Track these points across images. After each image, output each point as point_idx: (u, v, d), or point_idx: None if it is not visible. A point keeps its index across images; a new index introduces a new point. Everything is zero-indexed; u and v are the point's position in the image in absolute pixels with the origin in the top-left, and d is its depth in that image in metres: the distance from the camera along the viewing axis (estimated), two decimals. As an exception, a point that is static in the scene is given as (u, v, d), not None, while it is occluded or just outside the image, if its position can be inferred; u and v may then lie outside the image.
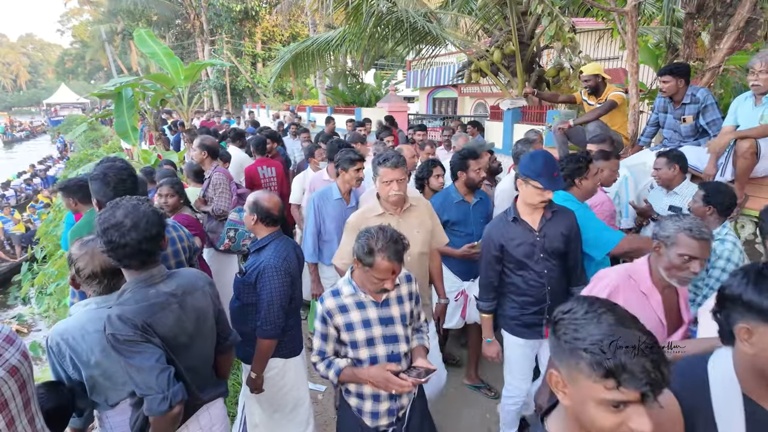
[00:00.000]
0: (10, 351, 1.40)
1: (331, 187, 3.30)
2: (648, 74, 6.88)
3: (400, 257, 1.78)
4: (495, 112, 7.87)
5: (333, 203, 3.25)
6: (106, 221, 1.57)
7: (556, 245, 2.38)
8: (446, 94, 15.28)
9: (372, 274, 1.79)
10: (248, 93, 28.06)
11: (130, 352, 1.51)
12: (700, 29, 4.63)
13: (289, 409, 2.49)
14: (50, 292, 6.59)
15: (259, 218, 2.31)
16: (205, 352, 1.82)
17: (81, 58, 53.25)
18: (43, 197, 15.79)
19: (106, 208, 1.62)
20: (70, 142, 27.04)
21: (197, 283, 1.78)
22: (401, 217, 2.51)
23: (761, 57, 3.05)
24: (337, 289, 1.94)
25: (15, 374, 1.39)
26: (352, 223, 2.52)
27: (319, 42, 9.47)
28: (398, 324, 1.95)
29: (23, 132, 43.93)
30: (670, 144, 3.73)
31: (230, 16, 26.67)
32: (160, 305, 1.61)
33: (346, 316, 1.89)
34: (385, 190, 2.44)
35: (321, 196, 3.29)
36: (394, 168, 2.40)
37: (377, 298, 1.91)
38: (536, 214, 2.38)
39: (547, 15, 5.67)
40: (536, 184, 2.25)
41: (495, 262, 2.45)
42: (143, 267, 1.64)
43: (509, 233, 2.40)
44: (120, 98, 6.99)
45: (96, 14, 43.07)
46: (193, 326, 1.70)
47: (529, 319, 2.46)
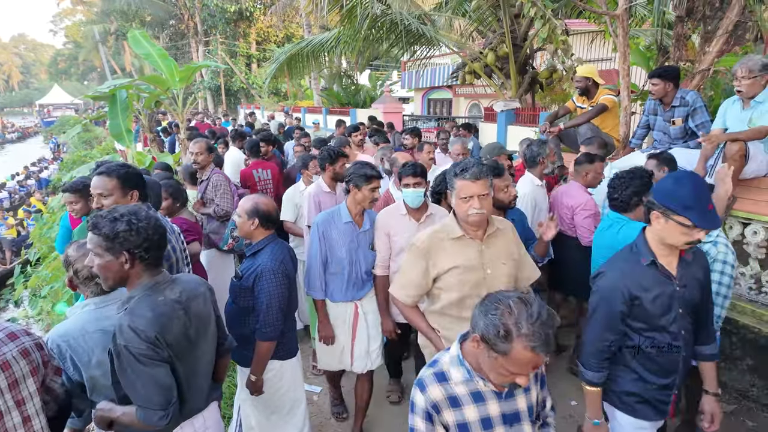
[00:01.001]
0: (8, 346, 1.45)
1: (339, 209, 2.75)
2: (640, 76, 6.95)
3: (549, 346, 1.27)
4: (489, 114, 7.92)
5: (341, 228, 2.70)
6: (133, 220, 1.57)
7: (695, 296, 1.84)
8: (441, 95, 15.32)
9: (503, 364, 1.30)
10: (243, 94, 28.01)
11: (139, 365, 1.52)
12: (690, 32, 4.70)
13: (287, 410, 2.51)
14: (44, 294, 6.55)
15: (261, 222, 2.31)
16: (208, 357, 1.84)
17: (74, 59, 52.97)
18: (35, 200, 15.37)
19: (105, 214, 1.60)
20: (63, 143, 26.88)
21: (199, 289, 1.79)
22: (485, 244, 2.03)
23: (742, 64, 3.11)
24: (443, 372, 1.46)
25: (6, 370, 1.42)
26: (421, 247, 2.06)
27: (314, 43, 9.49)
28: (525, 421, 1.49)
29: (14, 134, 43.58)
30: (660, 146, 3.78)
31: (224, 17, 26.62)
32: (169, 315, 1.61)
33: (459, 412, 1.43)
34: (463, 209, 1.94)
35: (326, 221, 2.72)
36: (474, 180, 1.91)
37: (499, 388, 1.43)
38: (673, 255, 1.81)
39: (539, 18, 5.72)
40: (683, 220, 1.67)
41: (619, 320, 1.81)
42: (159, 266, 1.65)
43: (644, 281, 1.79)
44: (114, 100, 6.97)
45: (89, 14, 42.82)
46: (196, 332, 1.72)
47: (654, 395, 1.88)
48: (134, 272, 1.62)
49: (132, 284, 1.64)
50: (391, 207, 2.87)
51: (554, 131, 4.40)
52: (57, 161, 22.96)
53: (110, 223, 1.55)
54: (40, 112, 49.99)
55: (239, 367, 2.49)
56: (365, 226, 2.76)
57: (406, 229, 2.68)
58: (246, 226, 2.32)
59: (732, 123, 3.27)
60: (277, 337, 2.29)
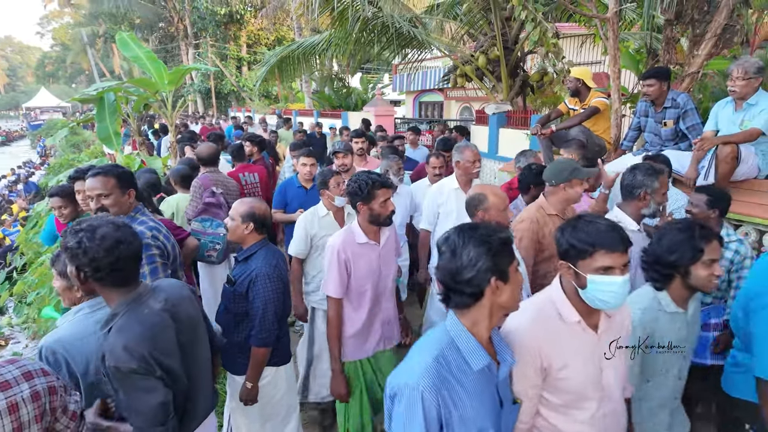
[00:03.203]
0: (21, 387, 1.36)
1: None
2: (629, 79, 7.00)
3: None
4: (481, 117, 7.94)
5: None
6: (84, 238, 1.50)
7: None
8: (432, 98, 15.36)
9: None
10: (233, 97, 27.87)
11: (132, 385, 1.48)
12: (679, 35, 4.74)
13: (281, 417, 2.46)
14: (30, 301, 6.42)
15: (255, 227, 2.26)
16: (205, 356, 1.82)
17: (62, 62, 52.43)
18: (16, 208, 13.98)
19: (75, 224, 1.56)
20: (51, 147, 26.48)
21: (182, 292, 1.77)
22: None
23: (738, 64, 3.14)
24: None
25: (14, 413, 1.33)
26: None
27: (305, 46, 9.45)
28: None
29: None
30: (652, 148, 3.80)
31: (215, 19, 26.47)
32: (160, 324, 1.57)
33: None
34: None
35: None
36: None
37: None
38: None
39: (530, 21, 5.73)
40: None
41: None
42: (126, 286, 1.59)
43: None
44: (102, 103, 6.86)
45: (77, 17, 42.42)
46: (189, 336, 1.70)
47: None
48: (99, 288, 1.57)
49: (111, 300, 1.59)
50: None
51: (546, 133, 4.40)
52: (44, 165, 22.58)
53: (69, 235, 1.52)
54: (26, 115, 49.25)
55: (230, 376, 2.43)
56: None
57: None
58: (239, 230, 2.27)
59: (724, 125, 3.29)
60: (273, 343, 2.25)
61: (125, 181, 2.41)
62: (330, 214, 3.03)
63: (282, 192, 3.99)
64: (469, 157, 3.25)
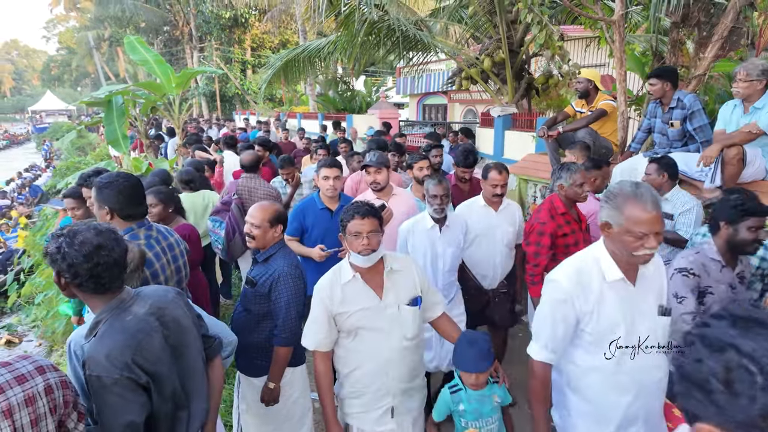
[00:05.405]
0: (36, 380, 1.38)
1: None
2: (635, 81, 7.01)
3: None
4: (486, 119, 7.95)
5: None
6: (63, 243, 1.48)
7: None
8: (436, 101, 15.38)
9: None
10: (238, 100, 27.99)
11: (108, 396, 1.45)
12: (685, 38, 4.74)
13: (297, 418, 2.46)
14: (38, 302, 6.47)
15: (284, 227, 2.33)
16: (196, 360, 1.77)
17: (67, 65, 52.72)
18: (16, 213, 13.54)
19: (60, 231, 1.53)
20: (56, 150, 26.60)
21: (167, 295, 1.73)
22: None
23: (744, 67, 3.16)
24: None
25: (31, 405, 1.35)
26: None
27: (310, 49, 9.50)
28: None
29: (4, 141, 43.04)
30: (660, 149, 3.80)
31: (219, 23, 26.61)
32: (145, 332, 1.53)
33: None
34: None
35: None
36: None
37: None
38: None
39: (536, 24, 5.76)
40: None
41: None
42: (107, 293, 1.55)
43: None
44: (110, 106, 6.94)
45: (83, 21, 42.69)
46: (177, 338, 1.66)
47: None
48: (80, 294, 1.56)
49: (94, 306, 1.57)
50: None
51: (553, 135, 4.42)
52: (50, 168, 22.61)
53: (51, 240, 1.52)
54: (32, 118, 49.53)
55: (244, 378, 2.41)
56: None
57: None
58: (269, 235, 2.25)
59: (734, 128, 3.30)
60: (295, 342, 2.22)
61: None
62: (358, 278, 1.99)
63: (299, 215, 3.08)
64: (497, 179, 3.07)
